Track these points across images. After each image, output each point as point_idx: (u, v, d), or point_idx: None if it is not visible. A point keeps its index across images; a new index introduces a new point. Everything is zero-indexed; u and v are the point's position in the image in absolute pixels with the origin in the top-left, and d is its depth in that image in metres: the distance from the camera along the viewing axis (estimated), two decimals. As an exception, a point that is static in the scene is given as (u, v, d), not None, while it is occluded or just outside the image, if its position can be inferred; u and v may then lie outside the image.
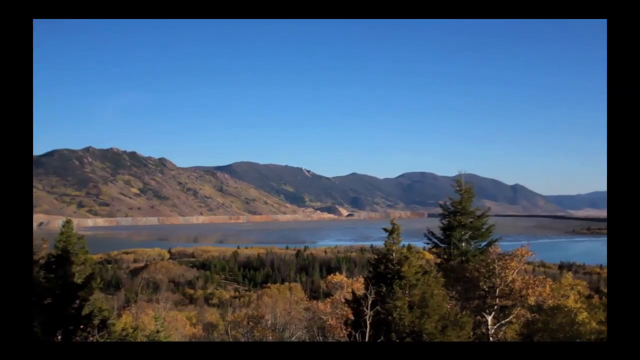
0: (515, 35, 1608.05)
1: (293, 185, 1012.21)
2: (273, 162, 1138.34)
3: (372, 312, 19.42)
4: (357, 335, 18.99)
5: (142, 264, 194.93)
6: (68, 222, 27.41)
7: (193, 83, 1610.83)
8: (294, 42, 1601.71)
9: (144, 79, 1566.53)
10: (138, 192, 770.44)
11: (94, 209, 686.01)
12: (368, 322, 19.11)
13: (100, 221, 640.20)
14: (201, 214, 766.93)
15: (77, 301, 25.76)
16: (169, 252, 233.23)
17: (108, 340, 22.97)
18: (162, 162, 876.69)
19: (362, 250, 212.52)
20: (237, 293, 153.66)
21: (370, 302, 19.55)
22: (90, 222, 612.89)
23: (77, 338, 23.76)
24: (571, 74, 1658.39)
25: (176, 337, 52.11)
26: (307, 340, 39.30)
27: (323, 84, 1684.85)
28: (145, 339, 27.68)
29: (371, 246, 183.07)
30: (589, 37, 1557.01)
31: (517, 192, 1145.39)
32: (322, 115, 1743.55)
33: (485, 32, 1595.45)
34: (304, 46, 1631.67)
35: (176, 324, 62.28)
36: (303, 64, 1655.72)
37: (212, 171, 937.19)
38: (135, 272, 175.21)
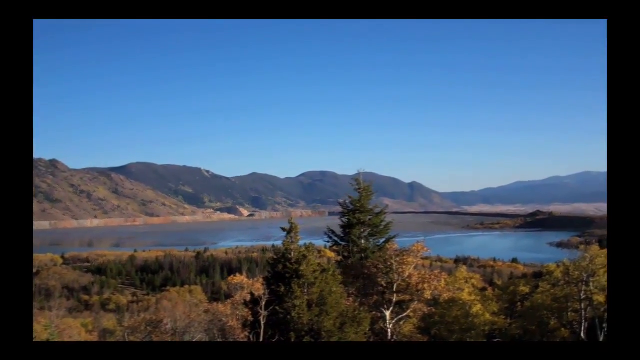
0: (413, 32, 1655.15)
1: (192, 186, 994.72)
2: (170, 162, 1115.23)
3: (267, 312, 19.16)
4: (251, 336, 18.68)
5: (33, 270, 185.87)
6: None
7: (85, 80, 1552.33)
8: (193, 41, 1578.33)
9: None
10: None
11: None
12: (262, 322, 18.82)
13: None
14: (96, 217, 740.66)
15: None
16: (62, 257, 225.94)
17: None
18: (53, 163, 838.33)
19: (263, 250, 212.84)
20: (135, 297, 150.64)
21: (264, 302, 19.28)
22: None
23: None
24: (462, 74, 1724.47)
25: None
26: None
27: (220, 84, 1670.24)
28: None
29: (273, 246, 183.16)
30: (494, 34, 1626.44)
31: (414, 190, 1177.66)
32: (221, 115, 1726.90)
33: (389, 27, 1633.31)
34: (202, 46, 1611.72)
35: (71, 332, 59.82)
36: (202, 63, 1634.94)
37: (106, 172, 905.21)
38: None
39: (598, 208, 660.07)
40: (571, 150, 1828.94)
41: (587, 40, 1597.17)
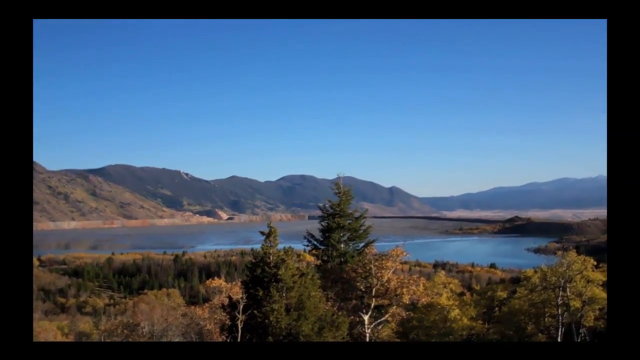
0: (382, 34, 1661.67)
1: (171, 189, 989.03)
2: (150, 164, 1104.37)
3: (245, 316, 19.06)
4: (228, 340, 18.56)
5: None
6: None
7: (63, 81, 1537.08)
8: (173, 46, 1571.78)
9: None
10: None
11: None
12: (240, 326, 18.72)
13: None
14: (73, 219, 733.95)
15: None
16: (39, 259, 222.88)
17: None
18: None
19: (242, 253, 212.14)
20: (112, 300, 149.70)
21: (242, 306, 19.17)
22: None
23: None
24: (443, 77, 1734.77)
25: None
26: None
27: (200, 88, 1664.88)
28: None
29: (251, 249, 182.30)
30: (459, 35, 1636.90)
31: (393, 194, 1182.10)
32: (201, 118, 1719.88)
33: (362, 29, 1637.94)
34: (181, 51, 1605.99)
35: (46, 334, 59.20)
36: (182, 67, 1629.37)
37: (84, 174, 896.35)
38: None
39: (575, 214, 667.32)
40: (549, 157, 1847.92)
41: (573, 42, 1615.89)
